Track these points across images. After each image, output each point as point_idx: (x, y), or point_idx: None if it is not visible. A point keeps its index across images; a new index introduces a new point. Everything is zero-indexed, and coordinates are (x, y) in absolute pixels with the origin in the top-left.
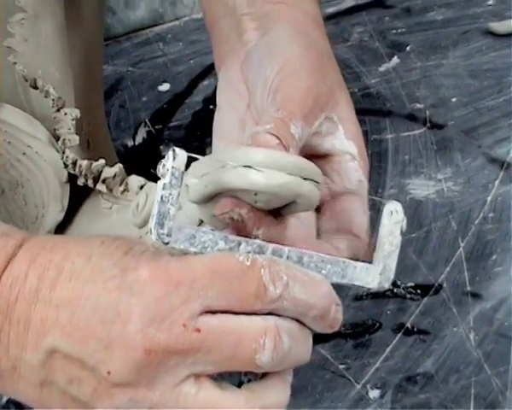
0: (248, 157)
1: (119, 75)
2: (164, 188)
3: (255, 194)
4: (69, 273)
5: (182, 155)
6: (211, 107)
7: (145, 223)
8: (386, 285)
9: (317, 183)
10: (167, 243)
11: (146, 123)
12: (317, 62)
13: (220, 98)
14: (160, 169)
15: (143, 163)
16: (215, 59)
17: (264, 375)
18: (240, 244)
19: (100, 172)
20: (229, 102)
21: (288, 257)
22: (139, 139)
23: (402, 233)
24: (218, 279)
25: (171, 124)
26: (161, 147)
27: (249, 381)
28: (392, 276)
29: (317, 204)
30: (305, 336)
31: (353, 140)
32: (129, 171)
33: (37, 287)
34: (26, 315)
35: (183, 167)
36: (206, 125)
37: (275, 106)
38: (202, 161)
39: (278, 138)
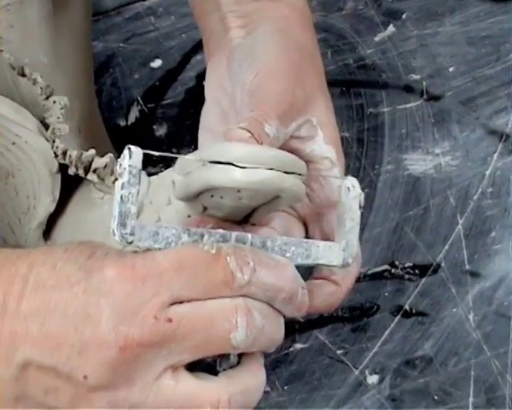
0: (229, 153)
1: (110, 52)
2: (123, 187)
3: (238, 191)
4: (35, 284)
5: (137, 152)
6: (204, 83)
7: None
8: (350, 260)
9: (301, 175)
10: (131, 243)
11: (138, 101)
12: (295, 64)
13: (207, 92)
14: (118, 169)
15: (137, 143)
16: (205, 51)
17: (238, 363)
18: (203, 236)
19: (90, 162)
20: (215, 97)
21: (251, 243)
22: (132, 119)
23: (360, 207)
24: (184, 270)
25: (164, 102)
26: (154, 126)
27: (224, 371)
28: (355, 251)
29: (303, 197)
30: (276, 315)
31: (332, 145)
32: (122, 152)
33: (4, 301)
34: None
35: (139, 165)
36: (199, 102)
37: (250, 107)
38: (188, 158)
39: (250, 133)
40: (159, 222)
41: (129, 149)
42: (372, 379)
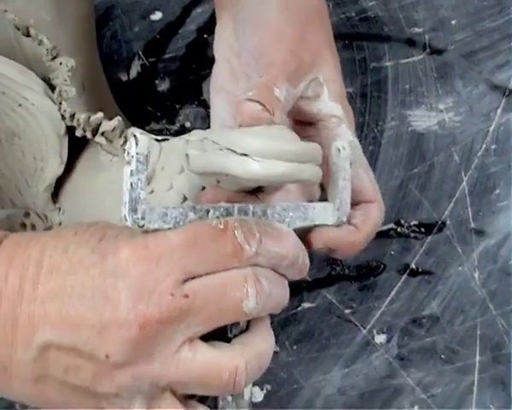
0: (246, 145)
1: (109, 4)
2: (131, 175)
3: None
4: (49, 268)
5: (143, 139)
6: (205, 36)
7: (147, 182)
8: (344, 219)
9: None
10: (142, 226)
11: (139, 55)
12: (301, 23)
13: (217, 51)
14: (126, 156)
15: (139, 99)
16: (215, 7)
17: (247, 326)
18: (208, 211)
19: (98, 125)
20: (225, 56)
21: (253, 213)
22: (133, 73)
23: (350, 165)
24: (195, 247)
25: (166, 56)
26: (157, 81)
27: (235, 336)
28: (348, 209)
29: (319, 181)
30: (281, 279)
31: (338, 101)
32: (125, 107)
33: (20, 286)
34: (13, 315)
35: (146, 151)
36: (201, 56)
37: (258, 72)
38: (204, 138)
39: (262, 104)
40: (171, 190)
41: (135, 136)
42: (380, 339)
